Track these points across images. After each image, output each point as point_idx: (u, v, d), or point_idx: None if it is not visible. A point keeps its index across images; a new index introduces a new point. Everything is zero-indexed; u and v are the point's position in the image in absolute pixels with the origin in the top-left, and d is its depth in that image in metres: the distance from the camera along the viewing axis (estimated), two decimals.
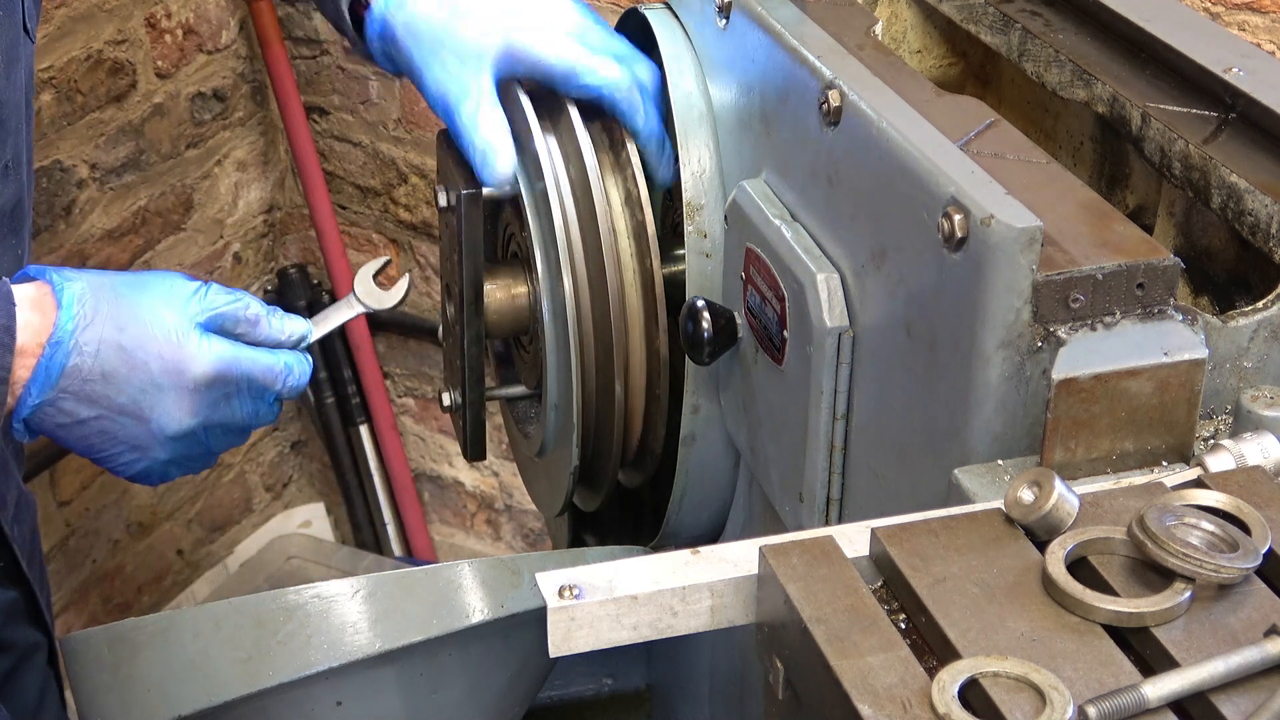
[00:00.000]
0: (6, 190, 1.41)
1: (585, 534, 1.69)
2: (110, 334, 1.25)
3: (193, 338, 1.27)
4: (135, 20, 2.75)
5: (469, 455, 1.49)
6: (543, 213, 1.38)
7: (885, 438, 1.13)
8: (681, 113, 1.37)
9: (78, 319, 1.24)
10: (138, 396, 1.26)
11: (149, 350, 1.26)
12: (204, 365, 1.28)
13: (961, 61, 1.55)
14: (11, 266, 1.44)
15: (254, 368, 1.31)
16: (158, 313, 1.27)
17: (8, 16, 1.37)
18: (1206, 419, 1.06)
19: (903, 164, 1.05)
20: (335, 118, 3.05)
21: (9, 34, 1.38)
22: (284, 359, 1.33)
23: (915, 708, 0.78)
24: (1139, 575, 0.86)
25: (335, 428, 3.21)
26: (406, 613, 1.27)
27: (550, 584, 0.92)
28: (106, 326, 1.25)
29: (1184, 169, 1.19)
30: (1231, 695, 0.79)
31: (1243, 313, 1.05)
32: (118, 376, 1.25)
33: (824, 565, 0.88)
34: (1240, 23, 2.06)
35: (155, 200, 2.90)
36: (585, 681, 1.79)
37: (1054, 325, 0.98)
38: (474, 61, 1.35)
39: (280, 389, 1.34)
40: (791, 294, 1.19)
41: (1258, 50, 1.25)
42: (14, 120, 1.40)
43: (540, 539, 3.23)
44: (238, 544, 3.30)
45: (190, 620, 1.27)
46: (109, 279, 1.28)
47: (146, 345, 1.26)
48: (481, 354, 1.44)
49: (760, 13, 1.27)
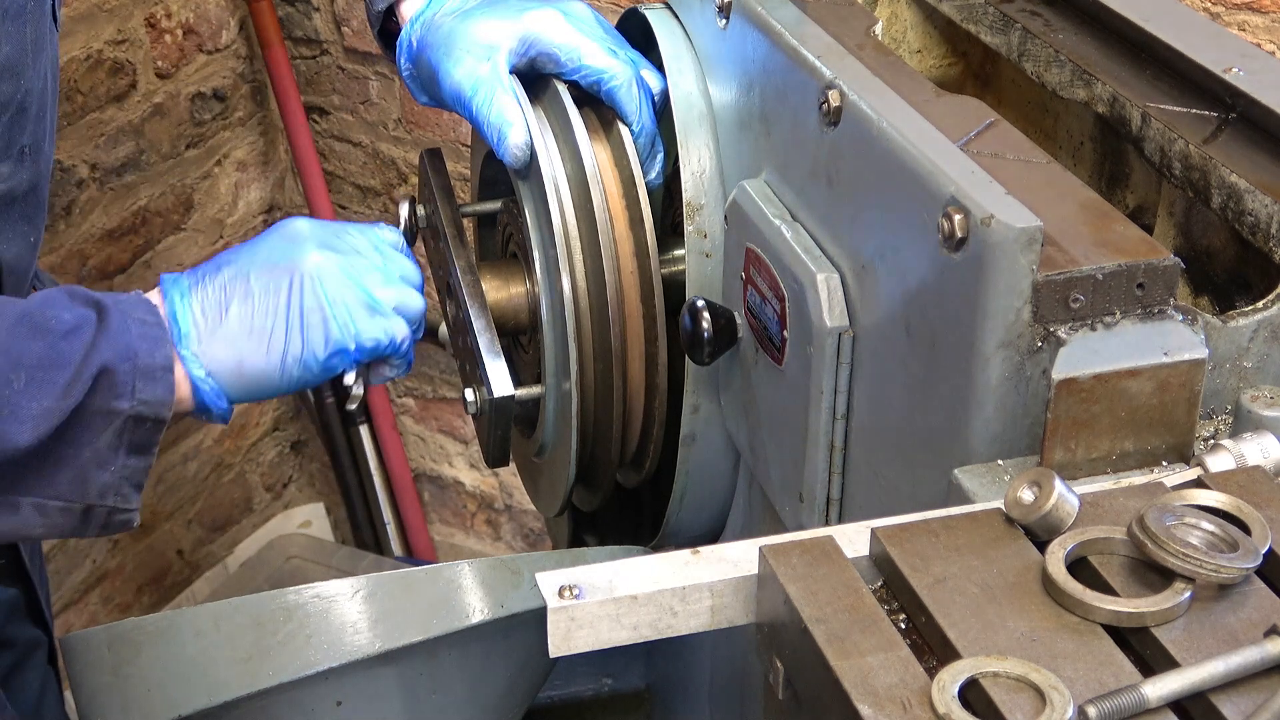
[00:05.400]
0: (23, 175, 1.42)
1: (585, 534, 1.69)
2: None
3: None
4: (135, 20, 2.75)
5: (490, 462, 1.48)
6: (541, 211, 1.38)
7: (885, 438, 1.13)
8: (681, 113, 1.37)
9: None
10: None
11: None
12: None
13: (961, 61, 1.55)
14: (25, 251, 1.45)
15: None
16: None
17: (38, 6, 1.39)
18: (1206, 419, 1.06)
19: (903, 164, 1.05)
20: (335, 118, 3.05)
21: (38, 23, 1.39)
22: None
23: (915, 708, 0.78)
24: (1139, 575, 0.86)
25: (335, 428, 3.21)
26: (406, 613, 1.27)
27: (550, 584, 0.92)
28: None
29: (1184, 169, 1.19)
30: (1231, 695, 0.79)
31: (1243, 313, 1.05)
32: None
33: (824, 565, 0.88)
34: (1240, 23, 2.06)
35: (155, 200, 2.90)
36: (585, 681, 1.79)
37: (1054, 325, 0.98)
38: (486, 52, 1.39)
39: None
40: (791, 294, 1.19)
41: (1258, 50, 1.25)
42: (36, 108, 1.41)
43: (540, 539, 3.23)
44: (238, 544, 3.30)
45: (190, 620, 1.27)
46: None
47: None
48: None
49: (760, 13, 1.27)
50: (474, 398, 1.40)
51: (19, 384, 1.16)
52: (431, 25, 1.44)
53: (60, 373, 1.18)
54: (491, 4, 1.43)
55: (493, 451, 1.43)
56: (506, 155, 1.38)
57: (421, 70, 1.46)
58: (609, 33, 1.43)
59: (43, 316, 1.19)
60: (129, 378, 1.20)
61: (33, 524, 1.21)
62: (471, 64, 1.39)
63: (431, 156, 1.54)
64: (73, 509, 1.22)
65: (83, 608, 2.93)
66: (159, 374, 1.22)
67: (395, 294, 1.32)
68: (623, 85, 1.39)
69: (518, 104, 1.38)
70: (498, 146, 1.38)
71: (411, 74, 1.49)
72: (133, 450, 1.22)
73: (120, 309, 1.23)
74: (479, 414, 1.41)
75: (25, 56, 1.38)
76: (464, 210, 1.52)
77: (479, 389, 1.39)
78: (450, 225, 1.46)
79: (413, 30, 1.46)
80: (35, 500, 1.20)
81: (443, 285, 1.50)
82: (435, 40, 1.43)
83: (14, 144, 1.40)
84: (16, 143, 1.41)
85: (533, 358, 1.47)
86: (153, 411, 1.22)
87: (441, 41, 1.42)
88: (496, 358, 1.38)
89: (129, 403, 1.20)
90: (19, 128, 1.40)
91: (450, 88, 1.40)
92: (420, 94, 1.50)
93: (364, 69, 2.97)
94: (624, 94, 1.39)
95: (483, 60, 1.39)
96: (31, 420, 1.16)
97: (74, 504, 1.21)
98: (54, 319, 1.20)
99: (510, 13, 1.41)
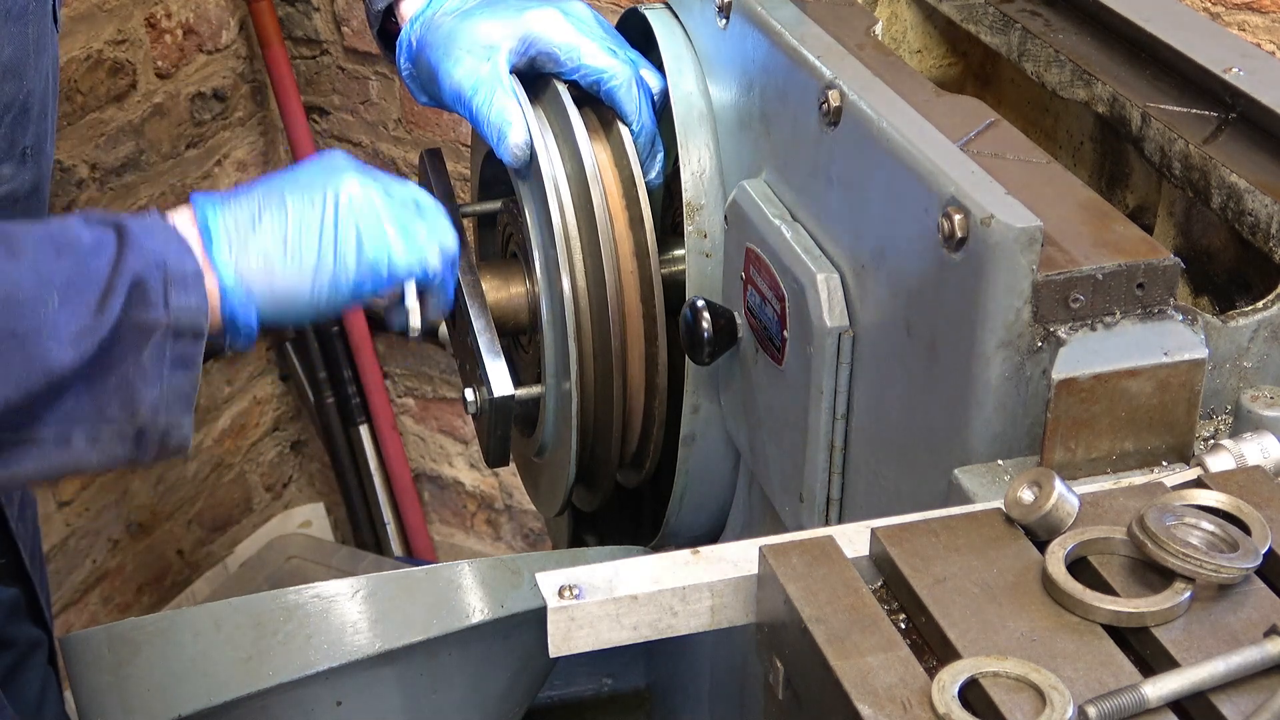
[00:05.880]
0: (25, 175, 1.42)
1: (585, 534, 1.69)
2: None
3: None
4: (135, 20, 2.75)
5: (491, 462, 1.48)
6: (541, 211, 1.38)
7: (885, 438, 1.13)
8: (681, 113, 1.37)
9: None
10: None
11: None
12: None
13: (961, 61, 1.55)
14: None
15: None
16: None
17: (40, 7, 1.39)
18: (1206, 419, 1.06)
19: (903, 164, 1.05)
20: (335, 118, 3.05)
21: (40, 23, 1.39)
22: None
23: (915, 708, 0.78)
24: (1139, 575, 0.86)
25: (335, 428, 3.21)
26: (406, 613, 1.27)
27: (550, 584, 0.92)
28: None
29: (1184, 169, 1.19)
30: (1231, 695, 0.79)
31: (1243, 313, 1.05)
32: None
33: (824, 565, 0.88)
34: (1240, 23, 2.06)
35: (155, 200, 2.90)
36: (585, 681, 1.79)
37: (1054, 325, 0.98)
38: (486, 52, 1.39)
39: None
40: (791, 294, 1.19)
41: (1258, 50, 1.25)
42: (37, 108, 1.41)
43: (540, 539, 3.23)
44: (238, 544, 3.30)
45: (190, 620, 1.27)
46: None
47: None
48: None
49: (760, 13, 1.27)
50: (474, 397, 1.40)
51: (54, 304, 1.14)
52: (431, 25, 1.44)
53: (92, 290, 1.14)
54: (491, 4, 1.43)
55: (493, 451, 1.43)
56: (506, 154, 1.38)
57: (421, 70, 1.46)
58: (609, 32, 1.43)
59: (65, 236, 1.16)
60: (160, 286, 1.17)
61: (86, 455, 1.17)
62: (471, 64, 1.39)
63: (431, 157, 1.54)
64: (125, 433, 1.18)
65: (83, 608, 2.93)
66: (191, 281, 1.18)
67: (429, 226, 1.29)
68: (622, 85, 1.39)
69: (517, 103, 1.38)
70: (497, 146, 1.38)
71: (411, 74, 1.49)
72: (176, 364, 1.18)
73: (143, 224, 1.20)
74: (479, 414, 1.41)
75: (27, 57, 1.38)
76: (464, 210, 1.52)
77: (479, 389, 1.39)
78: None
79: (412, 30, 1.46)
80: (87, 429, 1.17)
81: None
82: (435, 40, 1.43)
83: (16, 145, 1.40)
84: (19, 144, 1.41)
85: (532, 358, 1.47)
86: (190, 319, 1.18)
87: (441, 41, 1.42)
88: (496, 357, 1.38)
89: (163, 313, 1.17)
90: (21, 129, 1.40)
91: (450, 87, 1.40)
92: (420, 94, 1.50)
93: (364, 69, 2.97)
94: (623, 93, 1.39)
95: (483, 60, 1.39)
96: (71, 340, 1.13)
97: (126, 427, 1.18)
98: (76, 238, 1.17)
99: (510, 13, 1.41)
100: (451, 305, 1.34)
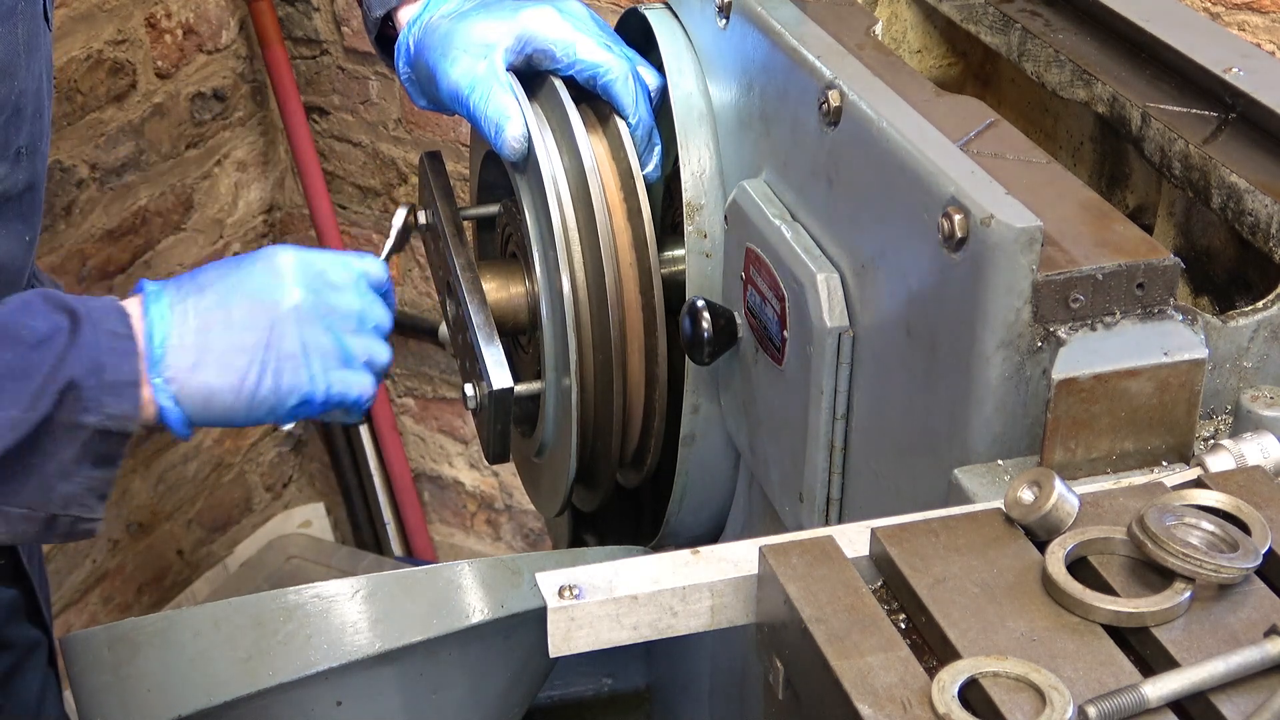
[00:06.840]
0: (19, 175, 1.42)
1: (585, 534, 1.69)
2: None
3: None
4: (135, 20, 2.75)
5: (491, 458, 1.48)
6: (540, 205, 1.38)
7: (885, 438, 1.13)
8: (681, 113, 1.37)
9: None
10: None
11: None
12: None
13: (961, 61, 1.55)
14: (21, 251, 1.46)
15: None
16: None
17: (29, 6, 1.39)
18: (1206, 419, 1.06)
19: (903, 164, 1.05)
20: (335, 118, 3.05)
21: (30, 23, 1.39)
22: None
23: (915, 708, 0.78)
24: (1139, 575, 0.86)
25: (335, 428, 3.21)
26: (406, 613, 1.27)
27: (550, 584, 0.92)
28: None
29: (1184, 169, 1.19)
30: (1231, 695, 0.79)
31: (1243, 313, 1.05)
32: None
33: (824, 565, 0.88)
34: (1240, 23, 2.06)
35: (155, 200, 2.90)
36: (585, 681, 1.79)
37: (1054, 325, 0.98)
38: (483, 50, 1.40)
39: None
40: (791, 294, 1.19)
41: (1258, 50, 1.25)
42: (31, 109, 1.42)
43: (540, 539, 3.23)
44: (238, 544, 3.30)
45: (190, 620, 1.27)
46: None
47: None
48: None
49: (760, 13, 1.27)
50: (474, 393, 1.40)
51: None
52: (428, 28, 1.44)
53: (28, 384, 1.18)
54: (487, 5, 1.43)
55: (493, 446, 1.43)
56: (504, 148, 1.38)
57: (419, 73, 1.47)
58: (604, 29, 1.44)
59: (15, 325, 1.20)
60: (95, 393, 1.21)
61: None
62: (468, 62, 1.39)
63: (431, 159, 1.55)
64: (35, 517, 1.23)
65: (83, 608, 2.93)
66: (125, 389, 1.22)
67: (366, 345, 1.33)
68: (618, 79, 1.39)
69: (514, 98, 1.38)
70: (495, 140, 1.38)
71: (410, 77, 1.49)
72: (98, 462, 1.23)
73: (93, 320, 1.22)
74: (479, 409, 1.42)
75: (18, 57, 1.38)
76: (463, 214, 1.52)
77: (478, 384, 1.39)
78: (450, 225, 1.46)
79: (410, 33, 1.47)
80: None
81: (442, 284, 1.50)
82: (432, 42, 1.43)
83: (10, 145, 1.40)
84: (13, 143, 1.41)
85: (532, 358, 1.47)
86: (119, 425, 1.22)
87: (438, 43, 1.42)
88: (495, 351, 1.38)
89: (95, 417, 1.21)
90: (14, 128, 1.40)
91: (448, 87, 1.40)
92: (419, 98, 1.50)
93: (364, 69, 2.97)
94: (620, 88, 1.39)
95: (479, 58, 1.39)
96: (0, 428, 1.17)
97: (37, 512, 1.22)
98: (26, 328, 1.20)
99: (506, 12, 1.41)
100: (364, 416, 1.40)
